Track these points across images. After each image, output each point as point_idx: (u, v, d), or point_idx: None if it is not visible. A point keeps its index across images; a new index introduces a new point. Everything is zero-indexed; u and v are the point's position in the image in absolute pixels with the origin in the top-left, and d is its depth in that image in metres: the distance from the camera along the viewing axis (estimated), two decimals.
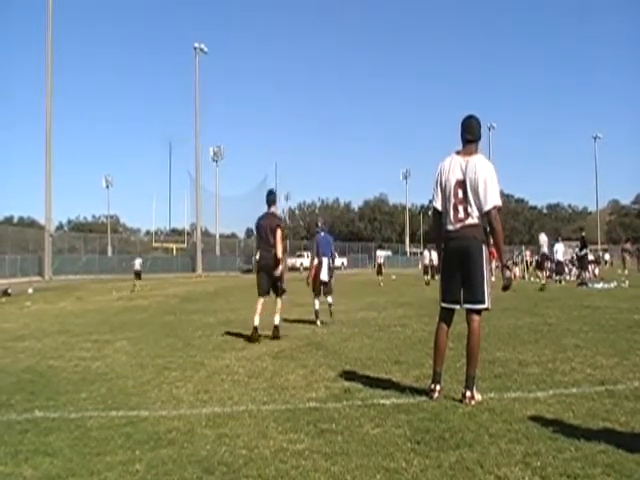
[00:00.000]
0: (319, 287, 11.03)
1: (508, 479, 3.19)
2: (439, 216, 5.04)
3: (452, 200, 4.84)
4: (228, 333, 9.41)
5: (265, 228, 9.01)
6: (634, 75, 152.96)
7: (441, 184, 4.95)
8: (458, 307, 4.92)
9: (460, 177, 4.81)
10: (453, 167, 4.88)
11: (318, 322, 10.57)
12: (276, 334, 8.69)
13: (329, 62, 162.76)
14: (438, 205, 4.99)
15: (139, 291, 24.41)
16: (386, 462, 3.47)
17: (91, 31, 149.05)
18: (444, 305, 5.01)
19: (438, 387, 4.90)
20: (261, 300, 8.94)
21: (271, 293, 9.08)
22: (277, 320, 8.89)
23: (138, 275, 27.39)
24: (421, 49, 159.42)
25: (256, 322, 8.61)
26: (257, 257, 9.23)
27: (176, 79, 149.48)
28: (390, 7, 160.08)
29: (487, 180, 4.74)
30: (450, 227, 4.89)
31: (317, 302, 10.86)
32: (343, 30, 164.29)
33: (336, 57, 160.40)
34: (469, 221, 4.78)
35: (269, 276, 8.97)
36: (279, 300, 9.10)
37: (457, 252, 4.85)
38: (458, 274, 4.85)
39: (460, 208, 4.80)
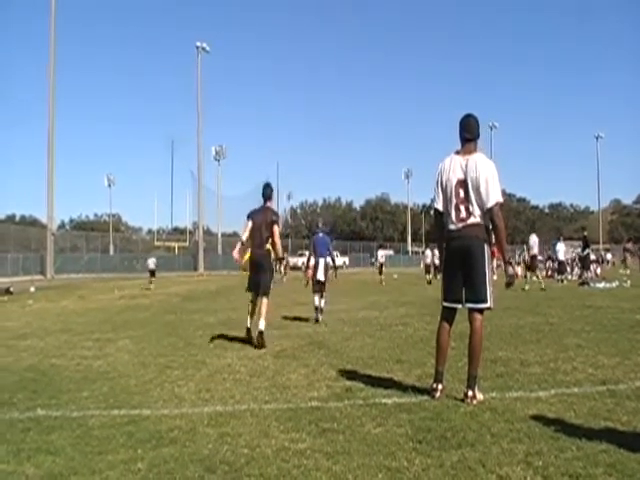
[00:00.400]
0: (317, 285, 11.33)
1: (510, 478, 3.19)
2: (440, 217, 5.04)
3: (454, 200, 4.83)
4: (229, 332, 9.39)
5: (260, 223, 8.31)
6: (636, 74, 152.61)
7: (442, 184, 4.95)
8: (460, 306, 4.92)
9: (461, 177, 4.80)
10: (454, 167, 4.87)
11: (320, 317, 10.92)
12: (260, 341, 7.81)
13: (330, 62, 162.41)
14: (439, 206, 4.99)
15: (154, 289, 24.79)
16: (388, 461, 3.47)
17: (93, 31, 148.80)
18: (446, 304, 5.01)
19: (440, 386, 4.90)
20: (251, 297, 8.47)
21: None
22: (262, 325, 7.94)
23: (152, 273, 28.01)
24: (421, 49, 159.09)
25: (248, 324, 8.27)
26: (247, 256, 8.56)
27: (178, 78, 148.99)
28: (390, 7, 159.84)
29: (488, 178, 4.74)
30: (452, 227, 4.88)
31: (317, 299, 11.18)
32: (344, 30, 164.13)
33: (337, 57, 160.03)
34: (471, 220, 4.77)
35: (258, 275, 8.35)
36: (265, 300, 8.22)
37: (459, 251, 4.84)
38: (460, 273, 4.85)
39: (462, 207, 4.80)
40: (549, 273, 30.10)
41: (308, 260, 11.83)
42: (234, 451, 3.73)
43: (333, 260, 11.72)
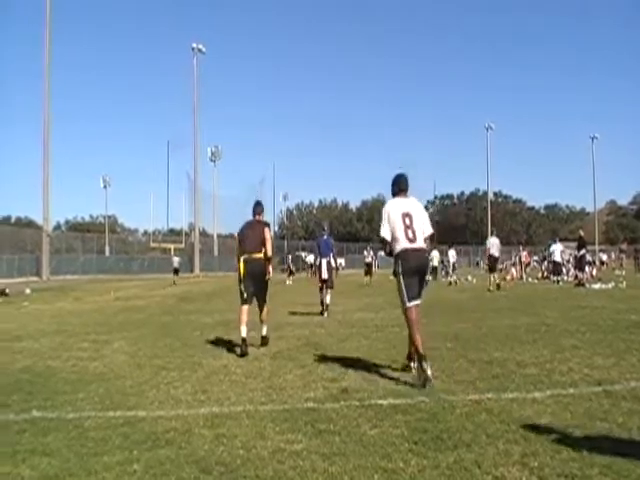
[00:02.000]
0: (322, 283, 12.84)
1: (506, 479, 3.20)
2: (386, 243, 6.19)
3: (402, 227, 6.03)
4: (226, 333, 9.39)
5: (254, 233, 8.12)
6: (632, 76, 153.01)
7: (389, 219, 6.11)
8: (419, 302, 6.07)
9: (405, 210, 6.10)
10: (398, 205, 6.18)
11: (325, 313, 12.13)
12: (265, 344, 7.99)
13: (327, 63, 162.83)
14: (387, 236, 6.12)
15: (178, 284, 27.29)
16: (384, 462, 3.47)
17: (89, 31, 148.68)
18: (410, 305, 6.02)
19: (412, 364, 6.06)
20: (245, 308, 7.99)
21: (254, 301, 8.15)
22: (265, 331, 8.14)
23: (176, 272, 28.62)
24: (419, 50, 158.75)
25: (244, 333, 7.66)
26: (241, 264, 8.06)
27: (175, 79, 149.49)
28: (387, 8, 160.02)
29: (424, 215, 6.24)
30: (406, 246, 5.99)
31: (322, 295, 12.62)
32: (341, 31, 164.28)
33: (334, 58, 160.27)
34: (418, 243, 6.03)
35: (256, 282, 8.02)
36: (264, 309, 8.21)
37: (417, 268, 6.05)
38: (416, 282, 6.06)
39: (409, 231, 6.02)
40: (545, 274, 30.11)
41: (315, 260, 13.57)
42: (230, 452, 3.73)
43: (335, 260, 13.26)
